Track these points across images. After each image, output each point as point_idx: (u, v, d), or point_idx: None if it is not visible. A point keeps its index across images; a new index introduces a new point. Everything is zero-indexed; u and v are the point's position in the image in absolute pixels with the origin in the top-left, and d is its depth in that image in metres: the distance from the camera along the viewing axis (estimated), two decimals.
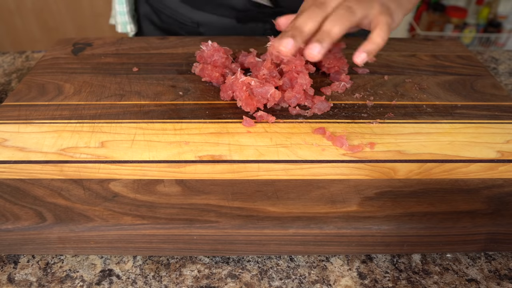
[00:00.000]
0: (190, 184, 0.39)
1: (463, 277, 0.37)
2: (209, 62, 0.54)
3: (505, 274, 0.37)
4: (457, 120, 0.48)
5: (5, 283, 0.36)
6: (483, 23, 1.79)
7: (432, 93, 0.53)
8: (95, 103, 0.50)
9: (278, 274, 0.37)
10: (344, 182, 0.39)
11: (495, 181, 0.40)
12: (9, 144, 0.43)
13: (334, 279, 0.37)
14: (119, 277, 0.37)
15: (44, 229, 0.35)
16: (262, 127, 0.46)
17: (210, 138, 0.44)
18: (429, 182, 0.40)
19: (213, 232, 0.35)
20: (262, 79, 0.48)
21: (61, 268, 0.37)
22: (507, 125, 0.47)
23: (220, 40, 0.61)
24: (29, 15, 1.84)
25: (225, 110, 0.49)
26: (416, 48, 0.63)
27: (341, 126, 0.46)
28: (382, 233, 0.36)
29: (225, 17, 0.66)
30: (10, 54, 0.70)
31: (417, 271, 0.37)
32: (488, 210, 0.37)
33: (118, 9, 0.73)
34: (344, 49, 0.58)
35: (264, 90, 0.47)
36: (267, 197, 0.38)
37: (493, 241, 0.37)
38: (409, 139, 0.45)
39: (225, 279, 0.36)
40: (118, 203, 0.37)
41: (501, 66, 0.69)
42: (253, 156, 0.42)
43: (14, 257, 0.38)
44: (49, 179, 0.39)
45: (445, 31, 1.79)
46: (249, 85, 0.48)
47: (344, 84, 0.52)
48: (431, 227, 0.36)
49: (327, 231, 0.36)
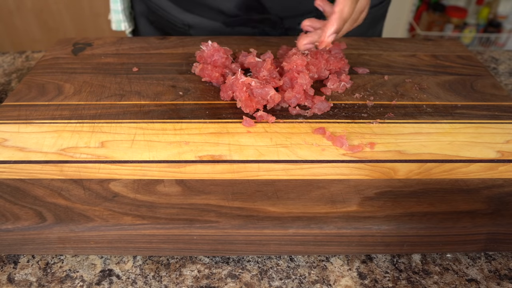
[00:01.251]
0: (190, 184, 0.39)
1: (463, 277, 0.37)
2: (209, 62, 0.54)
3: (505, 274, 0.37)
4: (457, 120, 0.48)
5: (5, 283, 0.36)
6: (483, 23, 1.79)
7: (432, 93, 0.53)
8: (95, 103, 0.49)
9: (278, 274, 0.37)
10: (344, 182, 0.39)
11: (495, 181, 0.40)
12: (9, 144, 0.43)
13: (334, 279, 0.36)
14: (119, 277, 0.36)
15: (44, 229, 0.35)
16: (262, 127, 0.46)
17: (210, 138, 0.44)
18: (429, 182, 0.40)
19: (213, 232, 0.35)
20: (262, 80, 0.49)
21: (61, 268, 0.37)
22: (507, 125, 0.47)
23: (220, 40, 0.61)
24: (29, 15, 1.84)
25: (225, 110, 0.49)
26: (416, 48, 0.63)
27: (341, 126, 0.46)
28: (382, 233, 0.36)
29: (214, 20, 0.66)
30: (10, 54, 0.70)
31: (417, 271, 0.37)
32: (488, 210, 0.37)
33: (113, 7, 0.72)
34: (344, 48, 0.58)
35: (264, 91, 0.47)
36: (267, 197, 0.38)
37: (493, 241, 0.37)
38: (409, 139, 0.45)
39: (225, 279, 0.36)
40: (118, 203, 0.37)
41: (501, 66, 0.69)
42: (253, 156, 0.42)
43: (14, 257, 0.38)
44: (49, 179, 0.39)
45: (445, 31, 1.79)
46: (249, 86, 0.48)
47: (344, 84, 0.52)
48: (431, 227, 0.36)
49: (327, 231, 0.36)
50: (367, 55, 0.60)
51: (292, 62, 0.49)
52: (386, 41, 0.65)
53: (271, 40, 0.64)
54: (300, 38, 0.50)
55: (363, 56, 0.60)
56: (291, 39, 0.64)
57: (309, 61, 0.51)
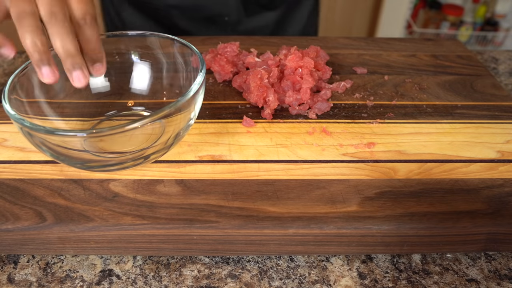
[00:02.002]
0: (190, 184, 0.39)
1: (463, 277, 0.37)
2: (220, 53, 0.54)
3: (505, 274, 0.37)
4: (457, 120, 0.48)
5: (5, 283, 0.36)
6: (480, 22, 1.79)
7: (432, 93, 0.53)
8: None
9: (278, 274, 0.37)
10: (344, 182, 0.39)
11: (495, 181, 0.40)
12: (9, 144, 0.43)
13: (334, 279, 0.36)
14: (119, 277, 0.36)
15: (44, 229, 0.35)
16: (262, 127, 0.46)
17: (210, 138, 0.44)
18: (429, 182, 0.40)
19: (213, 232, 0.35)
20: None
21: (61, 268, 0.37)
22: (507, 125, 0.47)
23: (220, 40, 0.61)
24: None
25: (225, 110, 0.49)
26: (416, 48, 0.63)
27: (341, 126, 0.46)
28: (382, 233, 0.36)
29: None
30: None
31: (417, 271, 0.37)
32: (488, 210, 0.37)
33: None
34: (343, 48, 0.58)
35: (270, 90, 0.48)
36: (267, 197, 0.38)
37: (493, 241, 0.37)
38: (409, 139, 0.45)
39: (225, 279, 0.36)
40: (118, 203, 0.37)
41: (501, 66, 0.69)
42: (253, 156, 0.42)
43: (14, 257, 0.38)
44: (49, 179, 0.39)
45: (441, 28, 1.79)
46: (262, 78, 0.48)
47: (344, 84, 0.52)
48: (431, 227, 0.36)
49: (327, 231, 0.36)
50: (367, 55, 0.60)
51: (293, 61, 0.49)
52: (386, 41, 0.65)
53: (271, 40, 0.64)
54: None
55: (363, 56, 0.60)
56: (291, 39, 0.64)
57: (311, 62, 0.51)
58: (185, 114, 0.37)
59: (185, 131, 0.40)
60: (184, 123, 0.38)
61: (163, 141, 0.38)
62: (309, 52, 0.54)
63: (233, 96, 0.51)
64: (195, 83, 0.37)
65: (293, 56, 0.50)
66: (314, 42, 0.63)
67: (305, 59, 0.50)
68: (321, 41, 0.64)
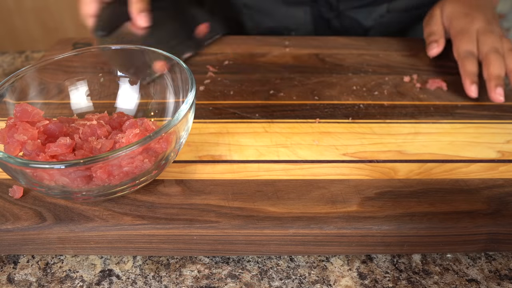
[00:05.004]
0: (190, 184, 0.39)
1: (463, 277, 0.37)
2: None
3: (506, 274, 0.37)
4: (458, 120, 0.48)
5: (5, 283, 0.36)
6: None
7: (432, 93, 0.52)
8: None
9: (278, 274, 0.37)
10: (344, 182, 0.39)
11: (496, 181, 0.40)
12: None
13: (334, 279, 0.36)
14: (119, 277, 0.36)
15: (44, 229, 0.35)
16: (262, 127, 0.46)
17: (210, 138, 0.44)
18: (430, 182, 0.40)
19: (213, 232, 0.35)
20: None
21: (61, 268, 0.37)
22: (508, 125, 0.47)
23: (219, 40, 0.61)
24: (29, 15, 1.84)
25: (225, 110, 0.49)
26: (416, 48, 0.63)
27: (341, 126, 0.46)
28: (382, 233, 0.36)
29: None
30: (9, 54, 0.70)
31: (417, 271, 0.37)
32: (489, 210, 0.37)
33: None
34: (343, 48, 0.58)
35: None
36: (267, 197, 0.38)
37: (494, 241, 0.37)
38: (409, 139, 0.45)
39: (225, 279, 0.36)
40: (118, 203, 0.37)
41: None
42: (253, 156, 0.42)
43: (14, 257, 0.38)
44: None
45: None
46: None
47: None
48: (431, 227, 0.36)
49: (327, 231, 0.35)
50: (367, 55, 0.60)
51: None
52: (386, 41, 0.65)
53: (271, 40, 0.64)
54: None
55: (363, 56, 0.60)
56: (292, 39, 0.64)
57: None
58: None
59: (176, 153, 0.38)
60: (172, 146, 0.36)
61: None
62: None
63: (234, 96, 0.51)
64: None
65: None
66: (314, 42, 0.63)
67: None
68: (321, 41, 0.64)
